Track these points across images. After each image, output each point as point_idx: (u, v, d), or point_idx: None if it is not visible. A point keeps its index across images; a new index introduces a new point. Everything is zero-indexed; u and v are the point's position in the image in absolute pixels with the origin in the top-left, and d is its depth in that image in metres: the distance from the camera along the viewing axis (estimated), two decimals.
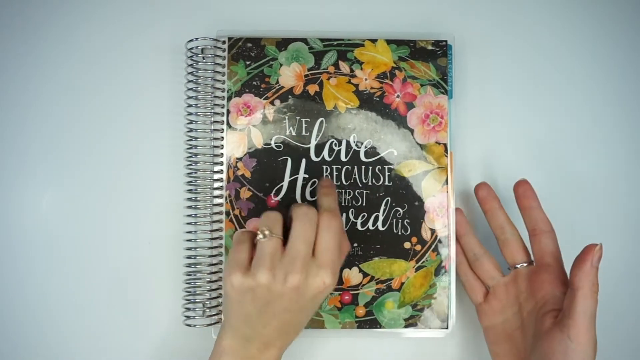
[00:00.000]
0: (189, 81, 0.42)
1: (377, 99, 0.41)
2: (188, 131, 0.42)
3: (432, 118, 0.41)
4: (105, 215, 0.43)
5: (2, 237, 0.43)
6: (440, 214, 0.41)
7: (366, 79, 0.42)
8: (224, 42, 0.42)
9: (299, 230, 0.32)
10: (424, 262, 0.41)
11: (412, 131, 0.41)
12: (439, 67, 0.42)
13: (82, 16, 0.44)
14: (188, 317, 0.41)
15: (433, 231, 0.41)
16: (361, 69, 0.42)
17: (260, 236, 0.32)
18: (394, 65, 0.42)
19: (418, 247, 0.41)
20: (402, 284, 0.41)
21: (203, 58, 0.42)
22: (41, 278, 0.43)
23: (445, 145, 0.41)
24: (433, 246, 0.41)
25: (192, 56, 0.41)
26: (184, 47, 0.42)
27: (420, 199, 0.41)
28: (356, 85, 0.42)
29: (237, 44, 0.42)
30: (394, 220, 0.41)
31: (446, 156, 0.41)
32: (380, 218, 0.41)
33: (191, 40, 0.42)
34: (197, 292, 0.41)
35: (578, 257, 0.32)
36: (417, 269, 0.41)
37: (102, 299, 0.43)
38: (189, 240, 0.41)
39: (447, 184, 0.41)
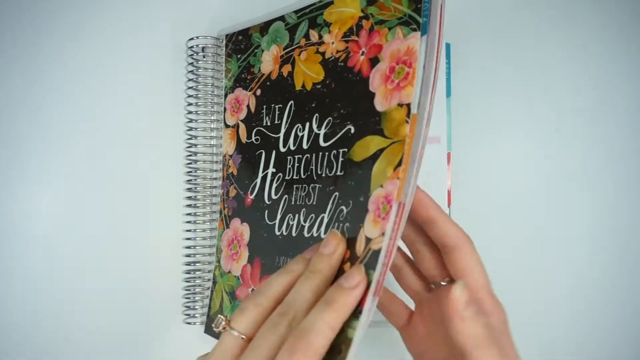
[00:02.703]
0: (189, 80, 0.42)
1: (342, 64, 0.32)
2: (188, 130, 0.42)
3: (398, 70, 0.27)
4: (105, 215, 0.43)
5: (2, 237, 0.43)
6: (383, 214, 0.26)
7: (333, 43, 0.32)
8: (222, 41, 0.41)
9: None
10: None
11: (373, 96, 0.29)
12: None
13: (83, 15, 0.44)
14: (188, 316, 0.41)
15: (368, 241, 0.26)
16: (329, 32, 0.33)
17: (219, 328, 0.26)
18: (362, 15, 0.31)
19: (347, 267, 0.27)
20: None
21: (204, 57, 0.42)
22: (40, 278, 0.42)
23: (408, 106, 0.26)
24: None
25: (192, 55, 0.42)
26: (184, 46, 0.42)
27: (367, 192, 0.28)
28: (323, 54, 0.33)
29: (232, 39, 0.41)
30: (337, 224, 0.29)
31: (407, 122, 0.26)
32: (325, 221, 0.30)
33: (192, 39, 0.42)
34: (197, 291, 0.41)
35: None
36: None
37: (102, 299, 0.43)
38: (189, 239, 0.41)
39: (400, 165, 0.26)
